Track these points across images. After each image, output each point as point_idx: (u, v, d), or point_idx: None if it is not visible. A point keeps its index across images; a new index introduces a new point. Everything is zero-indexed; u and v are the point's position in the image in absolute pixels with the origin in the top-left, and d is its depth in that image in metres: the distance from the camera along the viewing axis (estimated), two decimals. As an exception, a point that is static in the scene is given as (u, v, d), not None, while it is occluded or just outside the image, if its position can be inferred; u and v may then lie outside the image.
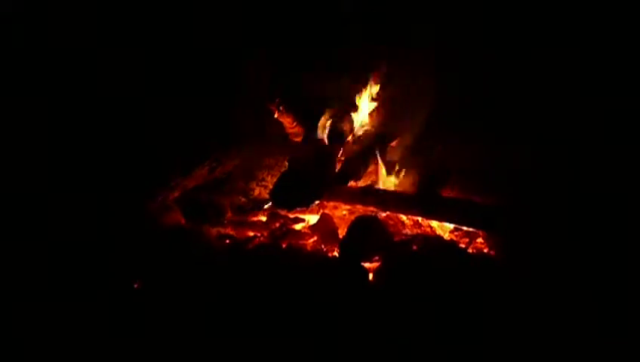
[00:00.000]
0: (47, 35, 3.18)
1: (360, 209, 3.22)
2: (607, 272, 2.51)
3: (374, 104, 3.44)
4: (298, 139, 3.46)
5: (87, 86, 3.21)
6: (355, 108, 3.41)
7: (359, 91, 3.42)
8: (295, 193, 3.04)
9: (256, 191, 3.59)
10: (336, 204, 3.31)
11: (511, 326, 2.30)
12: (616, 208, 2.74)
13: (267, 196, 3.32)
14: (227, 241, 2.99)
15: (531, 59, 3.21)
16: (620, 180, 2.84)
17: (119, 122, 3.20)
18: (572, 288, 2.45)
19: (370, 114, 3.44)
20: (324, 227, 3.07)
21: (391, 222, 3.10)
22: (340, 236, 2.95)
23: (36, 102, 3.08)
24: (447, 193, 3.20)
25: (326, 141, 3.27)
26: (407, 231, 3.08)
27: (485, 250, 2.92)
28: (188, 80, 3.38)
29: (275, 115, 3.42)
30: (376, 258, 2.75)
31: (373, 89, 3.42)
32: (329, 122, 3.31)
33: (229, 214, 3.32)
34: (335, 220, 3.14)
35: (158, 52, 3.36)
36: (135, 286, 2.62)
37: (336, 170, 3.25)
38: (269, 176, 3.61)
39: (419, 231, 3.08)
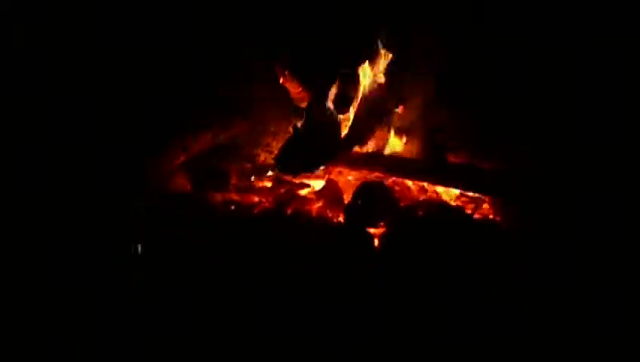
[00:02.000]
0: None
1: (365, 174, 3.21)
2: (617, 238, 2.50)
3: (381, 69, 3.40)
4: (303, 105, 3.43)
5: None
6: (361, 73, 3.37)
7: (366, 56, 3.38)
8: (300, 158, 3.03)
9: (262, 157, 3.58)
10: (342, 169, 3.30)
11: (517, 293, 2.30)
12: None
13: (272, 162, 3.31)
14: (232, 207, 2.99)
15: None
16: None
17: (121, 83, 3.19)
18: (579, 255, 2.44)
19: (377, 79, 3.40)
20: (330, 193, 3.06)
21: (396, 188, 3.10)
22: (346, 202, 2.94)
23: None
24: (453, 158, 3.17)
25: (332, 106, 3.25)
26: (413, 196, 3.08)
27: (491, 216, 2.92)
28: (192, 45, 3.36)
29: (280, 81, 3.38)
30: (382, 223, 2.75)
31: (381, 54, 3.38)
32: (335, 87, 3.28)
33: (235, 180, 3.32)
34: (340, 186, 3.13)
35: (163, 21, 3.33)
36: (139, 249, 2.63)
37: (342, 135, 3.23)
38: (274, 142, 3.59)
39: (424, 196, 3.08)
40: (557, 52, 3.05)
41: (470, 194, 3.05)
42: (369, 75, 3.38)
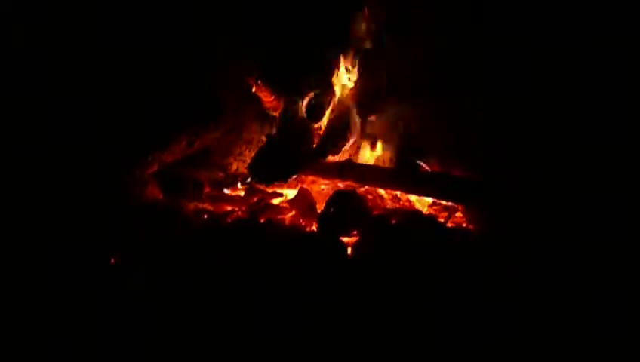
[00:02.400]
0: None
1: (338, 183, 3.22)
2: (591, 245, 2.52)
3: (354, 78, 3.41)
4: (276, 113, 3.43)
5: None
6: (334, 82, 3.38)
7: (339, 64, 3.39)
8: (273, 167, 3.02)
9: (234, 166, 3.56)
10: (315, 178, 3.31)
11: (489, 300, 2.31)
12: (598, 181, 2.75)
13: (245, 170, 3.30)
14: (205, 216, 2.97)
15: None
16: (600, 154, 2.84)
17: (96, 94, 3.16)
18: (552, 261, 2.46)
19: (350, 87, 3.42)
20: (303, 201, 3.05)
21: (369, 197, 3.11)
22: (319, 210, 2.93)
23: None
24: (425, 167, 3.19)
25: (304, 115, 3.25)
26: (386, 205, 3.09)
27: (464, 224, 2.93)
28: (165, 52, 3.33)
29: (253, 89, 3.38)
30: (355, 232, 2.75)
31: (354, 62, 3.40)
32: (307, 96, 3.28)
33: (207, 189, 3.30)
34: (313, 195, 3.12)
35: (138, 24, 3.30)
36: (112, 261, 2.60)
37: (315, 144, 3.23)
38: (247, 151, 3.57)
39: (397, 205, 3.09)
40: (538, 58, 3.07)
41: (443, 202, 3.07)
42: (342, 84, 3.40)
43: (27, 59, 3.04)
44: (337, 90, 3.38)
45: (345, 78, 3.40)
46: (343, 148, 3.29)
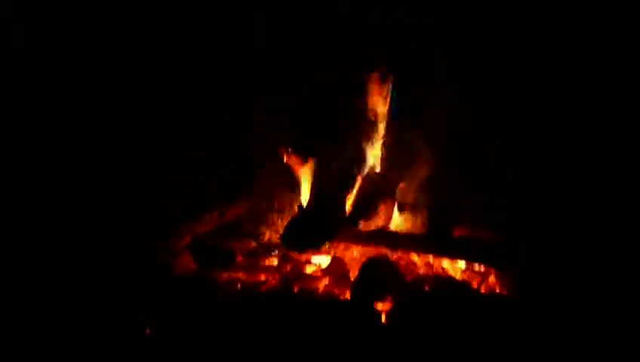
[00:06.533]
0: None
1: (371, 250, 3.22)
2: (624, 307, 2.49)
3: (383, 145, 3.45)
4: (307, 182, 3.46)
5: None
6: (364, 150, 3.42)
7: (368, 133, 3.44)
8: (305, 235, 3.04)
9: (267, 235, 3.58)
10: (347, 245, 3.31)
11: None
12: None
13: (277, 240, 3.32)
14: (238, 286, 2.98)
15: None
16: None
17: (129, 165, 3.23)
18: (585, 324, 2.43)
19: (380, 155, 3.45)
20: (336, 269, 3.06)
21: (402, 263, 3.10)
22: (352, 278, 2.93)
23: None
24: (457, 232, 3.19)
25: (336, 184, 3.28)
26: (419, 271, 3.07)
27: (497, 289, 2.91)
28: (199, 122, 3.41)
29: (285, 159, 3.43)
30: (389, 299, 2.74)
31: (383, 129, 3.44)
32: (338, 165, 3.32)
33: (240, 258, 3.31)
34: (346, 261, 3.13)
35: (169, 86, 3.39)
36: (147, 332, 2.61)
37: (347, 211, 3.25)
38: (279, 220, 3.60)
39: (430, 271, 3.08)
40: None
41: (476, 268, 3.05)
42: (373, 152, 3.44)
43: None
44: (368, 157, 3.42)
45: (376, 145, 3.43)
46: (375, 215, 3.30)
